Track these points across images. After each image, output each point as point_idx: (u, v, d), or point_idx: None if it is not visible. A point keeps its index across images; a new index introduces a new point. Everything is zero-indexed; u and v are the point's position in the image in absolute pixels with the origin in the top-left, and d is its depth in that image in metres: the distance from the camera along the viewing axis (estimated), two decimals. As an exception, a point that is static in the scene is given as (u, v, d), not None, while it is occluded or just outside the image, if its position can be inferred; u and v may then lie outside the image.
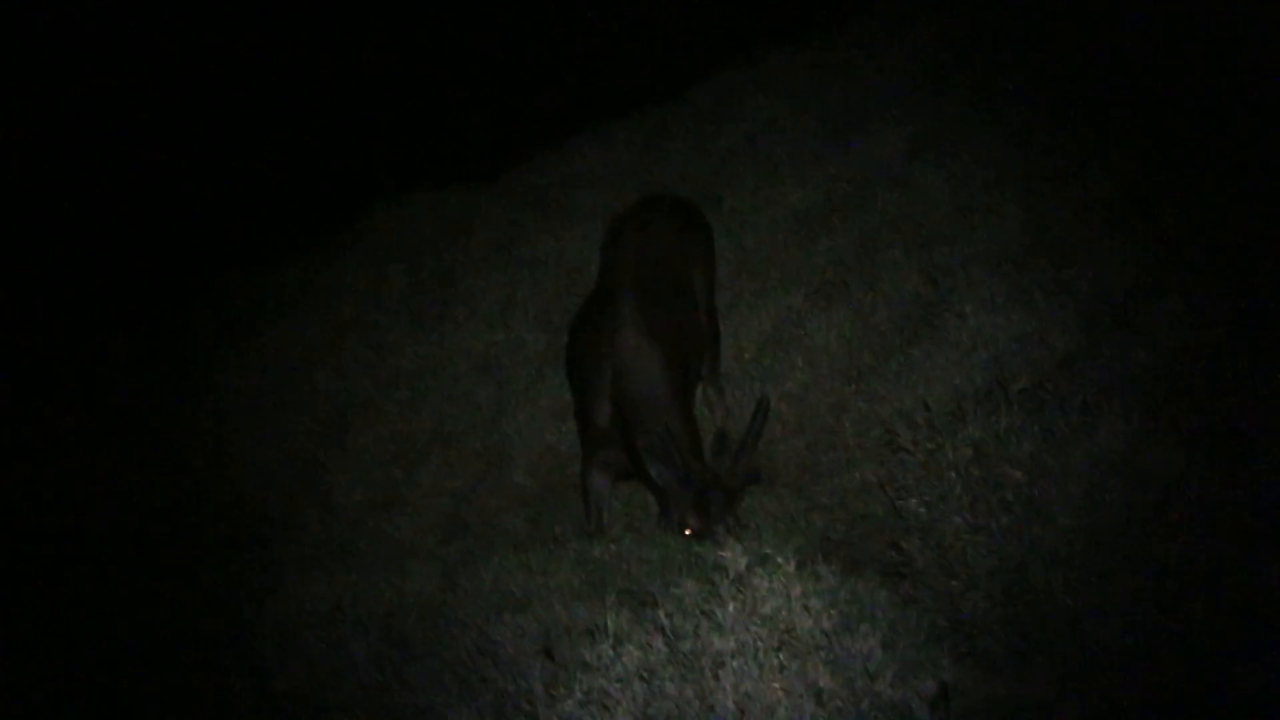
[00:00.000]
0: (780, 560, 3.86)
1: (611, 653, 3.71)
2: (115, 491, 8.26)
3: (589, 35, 13.28)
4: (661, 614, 3.82)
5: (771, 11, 11.69)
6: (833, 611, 3.82)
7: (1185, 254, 6.33)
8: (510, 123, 12.41)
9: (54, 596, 7.32)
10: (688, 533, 5.76)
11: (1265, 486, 4.67)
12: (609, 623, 3.77)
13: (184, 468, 8.38)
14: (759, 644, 3.63)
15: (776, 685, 3.53)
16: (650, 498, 6.44)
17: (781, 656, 3.62)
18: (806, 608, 3.78)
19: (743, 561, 3.83)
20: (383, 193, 11.56)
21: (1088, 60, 8.24)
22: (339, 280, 10.32)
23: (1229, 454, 4.82)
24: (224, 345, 9.83)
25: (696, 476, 5.82)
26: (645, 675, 3.64)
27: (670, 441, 5.77)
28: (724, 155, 9.92)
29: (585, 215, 9.52)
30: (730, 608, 3.72)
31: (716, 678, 3.56)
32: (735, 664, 3.57)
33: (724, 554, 3.87)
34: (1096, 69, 8.11)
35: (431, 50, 13.55)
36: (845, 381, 7.06)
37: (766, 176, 9.30)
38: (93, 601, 7.22)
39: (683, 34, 12.55)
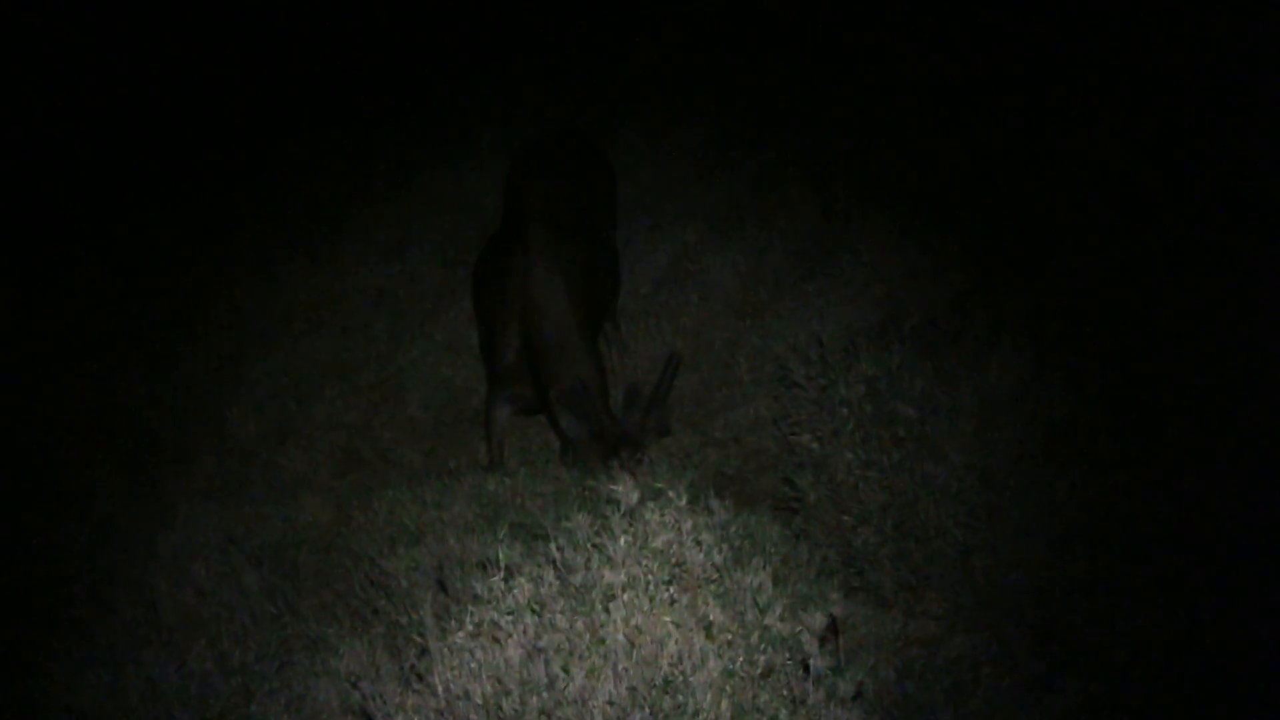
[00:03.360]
0: (672, 495, 3.86)
1: (503, 585, 3.69)
2: (9, 422, 8.14)
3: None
4: (553, 547, 3.80)
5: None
6: (724, 546, 3.83)
7: (1077, 195, 6.42)
8: (405, 58, 12.28)
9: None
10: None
11: (1152, 426, 4.76)
12: (501, 556, 3.75)
13: (77, 399, 8.27)
14: (650, 577, 3.63)
15: (667, 618, 3.53)
16: (550, 434, 6.45)
17: (672, 590, 3.63)
18: (698, 542, 3.78)
19: (635, 496, 3.82)
20: (277, 129, 11.45)
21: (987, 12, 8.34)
22: (233, 216, 10.21)
23: (1118, 393, 4.91)
24: (118, 281, 9.68)
25: (608, 433, 5.83)
26: (536, 608, 3.63)
27: (586, 397, 5.75)
28: (621, 91, 9.90)
29: (482, 151, 9.49)
30: (621, 541, 3.71)
31: (607, 610, 3.55)
32: (626, 597, 3.56)
33: (616, 488, 3.86)
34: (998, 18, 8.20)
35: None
36: (740, 317, 7.11)
37: (663, 112, 9.31)
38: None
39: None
